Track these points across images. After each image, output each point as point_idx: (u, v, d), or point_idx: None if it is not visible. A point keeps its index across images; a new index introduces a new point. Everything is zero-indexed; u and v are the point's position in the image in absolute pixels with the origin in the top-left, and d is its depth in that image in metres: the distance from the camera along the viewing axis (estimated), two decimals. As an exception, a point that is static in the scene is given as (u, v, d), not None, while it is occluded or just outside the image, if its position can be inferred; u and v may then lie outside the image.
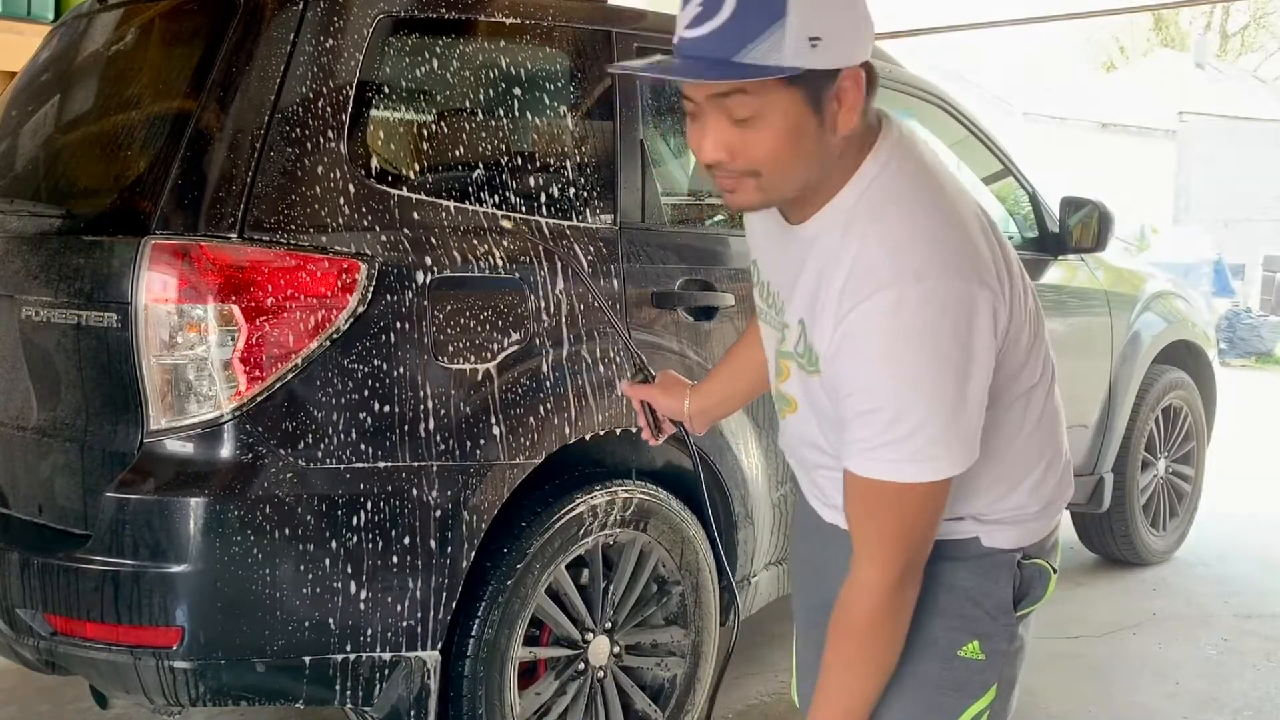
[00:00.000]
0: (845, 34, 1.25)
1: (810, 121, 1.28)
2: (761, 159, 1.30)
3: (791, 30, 1.20)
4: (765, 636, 3.63)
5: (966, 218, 1.36)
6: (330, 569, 2.15)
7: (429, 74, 2.48)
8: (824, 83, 1.26)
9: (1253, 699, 3.42)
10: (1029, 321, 1.41)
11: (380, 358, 2.20)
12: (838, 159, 1.34)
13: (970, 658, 1.49)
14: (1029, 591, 1.52)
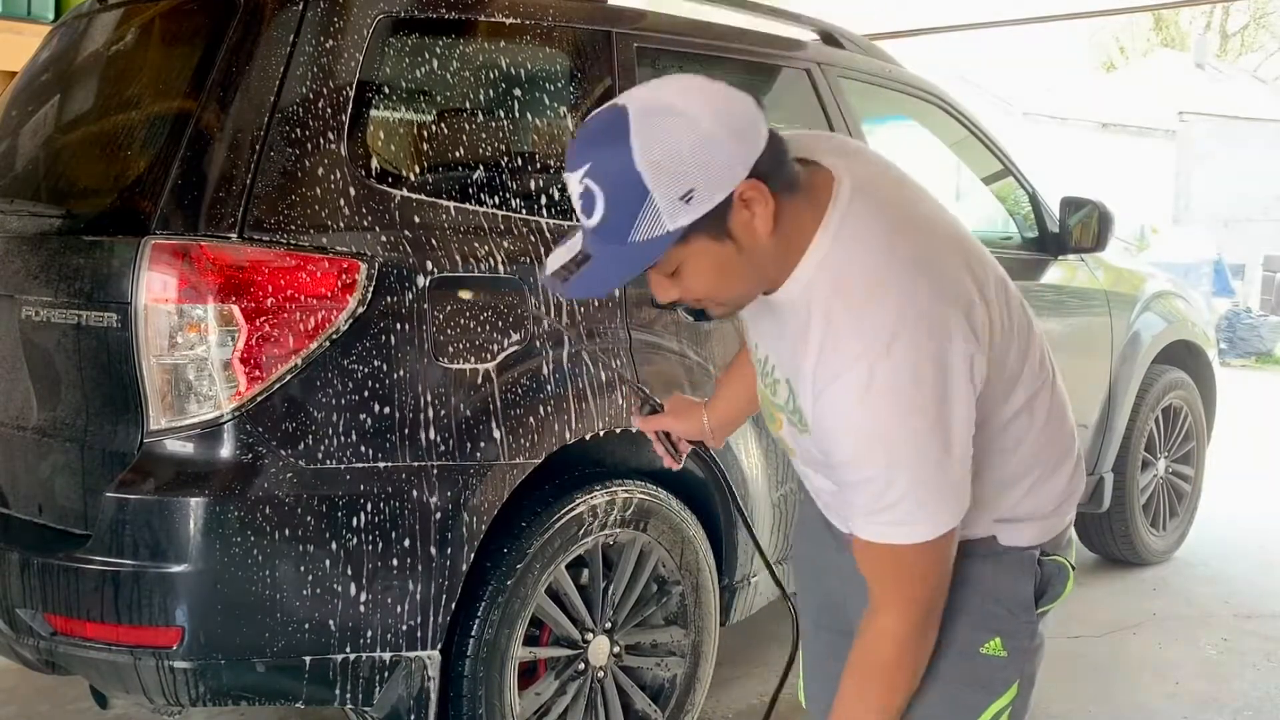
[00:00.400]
0: (713, 170, 1.26)
1: (726, 250, 1.32)
2: (703, 293, 1.38)
3: (661, 200, 1.25)
4: (765, 636, 3.63)
5: (938, 252, 1.39)
6: (330, 569, 2.15)
7: (429, 74, 2.48)
8: (720, 215, 1.29)
9: (1253, 699, 3.42)
10: (1016, 336, 1.44)
11: (380, 358, 2.20)
12: (787, 243, 1.36)
13: (993, 655, 1.51)
14: (1049, 588, 1.54)
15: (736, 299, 1.42)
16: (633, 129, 1.26)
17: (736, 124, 1.28)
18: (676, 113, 1.26)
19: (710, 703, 3.04)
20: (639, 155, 1.24)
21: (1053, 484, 1.54)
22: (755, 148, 1.29)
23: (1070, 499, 1.57)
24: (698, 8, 3.39)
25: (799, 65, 3.27)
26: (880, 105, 3.79)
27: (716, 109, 1.28)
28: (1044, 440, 1.51)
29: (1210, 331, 5.01)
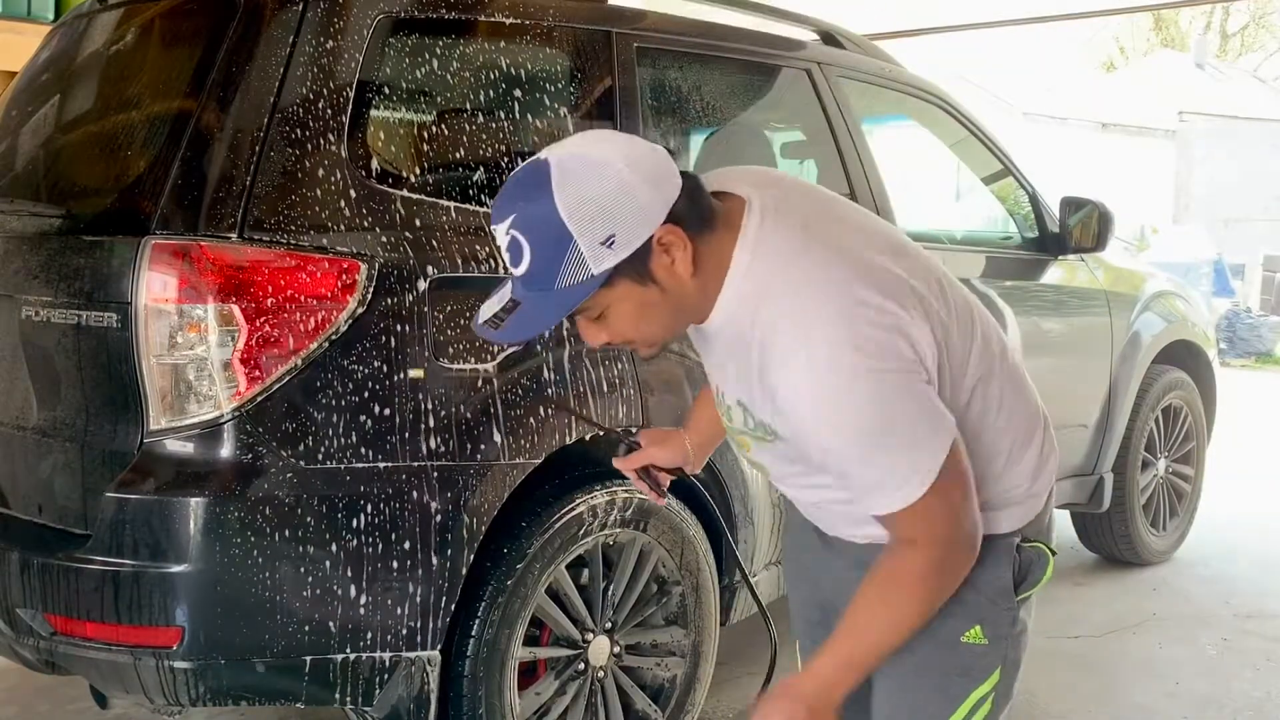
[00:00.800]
0: (632, 215, 1.33)
1: (650, 292, 1.39)
2: (629, 334, 1.45)
3: (584, 245, 1.32)
4: (765, 636, 3.63)
5: (854, 244, 1.44)
6: (330, 569, 2.15)
7: (429, 74, 2.48)
8: (642, 258, 1.36)
9: (1253, 699, 3.42)
10: (956, 323, 1.47)
11: (380, 358, 2.20)
12: (709, 276, 1.42)
13: (974, 643, 1.54)
14: (1028, 574, 1.56)
15: (661, 338, 1.49)
16: (554, 179, 1.32)
17: (651, 172, 1.35)
18: (595, 162, 1.33)
19: (710, 703, 3.04)
20: (560, 203, 1.31)
21: (1023, 463, 1.56)
22: (670, 193, 1.36)
23: (1042, 474, 1.59)
24: (698, 8, 3.39)
25: (799, 65, 3.27)
26: (880, 105, 3.79)
27: (631, 158, 1.35)
28: (1003, 421, 1.53)
29: (1210, 331, 5.01)
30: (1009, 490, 1.55)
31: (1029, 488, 1.57)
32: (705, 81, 3.11)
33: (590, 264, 1.32)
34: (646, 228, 1.35)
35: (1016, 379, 1.58)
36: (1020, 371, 1.59)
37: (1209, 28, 33.38)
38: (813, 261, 1.41)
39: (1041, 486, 1.60)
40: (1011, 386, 1.56)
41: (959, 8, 8.94)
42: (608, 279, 1.35)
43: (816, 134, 3.38)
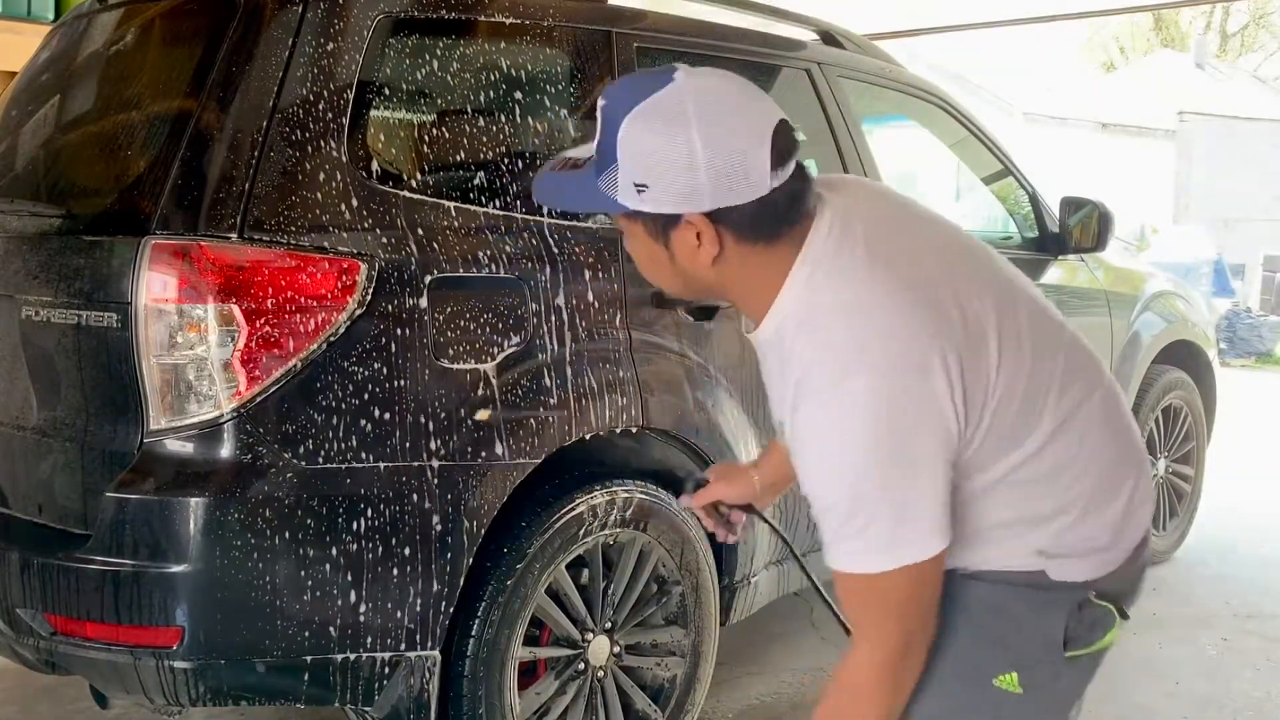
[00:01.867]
0: (672, 188, 1.33)
1: (657, 251, 1.40)
2: (640, 265, 1.47)
3: (623, 173, 1.34)
4: (765, 636, 3.63)
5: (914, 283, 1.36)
6: (330, 569, 2.15)
7: (429, 74, 2.48)
8: (666, 223, 1.37)
9: (1253, 699, 3.42)
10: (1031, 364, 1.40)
11: (380, 358, 2.20)
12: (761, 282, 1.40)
13: (1005, 688, 1.46)
14: (1085, 634, 1.47)
15: (669, 289, 1.49)
16: (645, 104, 1.32)
17: (726, 166, 1.32)
18: (685, 119, 1.31)
19: (710, 703, 3.04)
20: (625, 129, 1.32)
21: (1105, 514, 1.46)
22: (729, 198, 1.33)
23: (1128, 528, 1.49)
24: (698, 8, 3.39)
25: (799, 65, 3.27)
26: (880, 105, 3.79)
27: (720, 142, 1.31)
28: (1082, 469, 1.45)
29: (1210, 331, 5.01)
30: (1089, 539, 1.46)
31: (1109, 541, 1.47)
32: (705, 81, 3.10)
33: (620, 192, 1.35)
34: (680, 206, 1.34)
35: (1113, 430, 1.48)
36: (1120, 424, 1.50)
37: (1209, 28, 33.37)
38: (861, 298, 1.35)
39: (1124, 544, 1.49)
40: (1102, 430, 1.47)
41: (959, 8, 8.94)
42: (630, 212, 1.37)
43: (816, 134, 3.38)
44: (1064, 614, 1.45)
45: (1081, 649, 1.47)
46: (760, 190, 1.33)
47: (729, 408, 2.78)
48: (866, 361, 1.30)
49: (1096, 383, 1.49)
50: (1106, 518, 1.46)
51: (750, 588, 2.94)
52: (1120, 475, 1.48)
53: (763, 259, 1.39)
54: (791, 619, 3.79)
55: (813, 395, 1.33)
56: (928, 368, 1.31)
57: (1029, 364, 1.40)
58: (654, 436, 2.72)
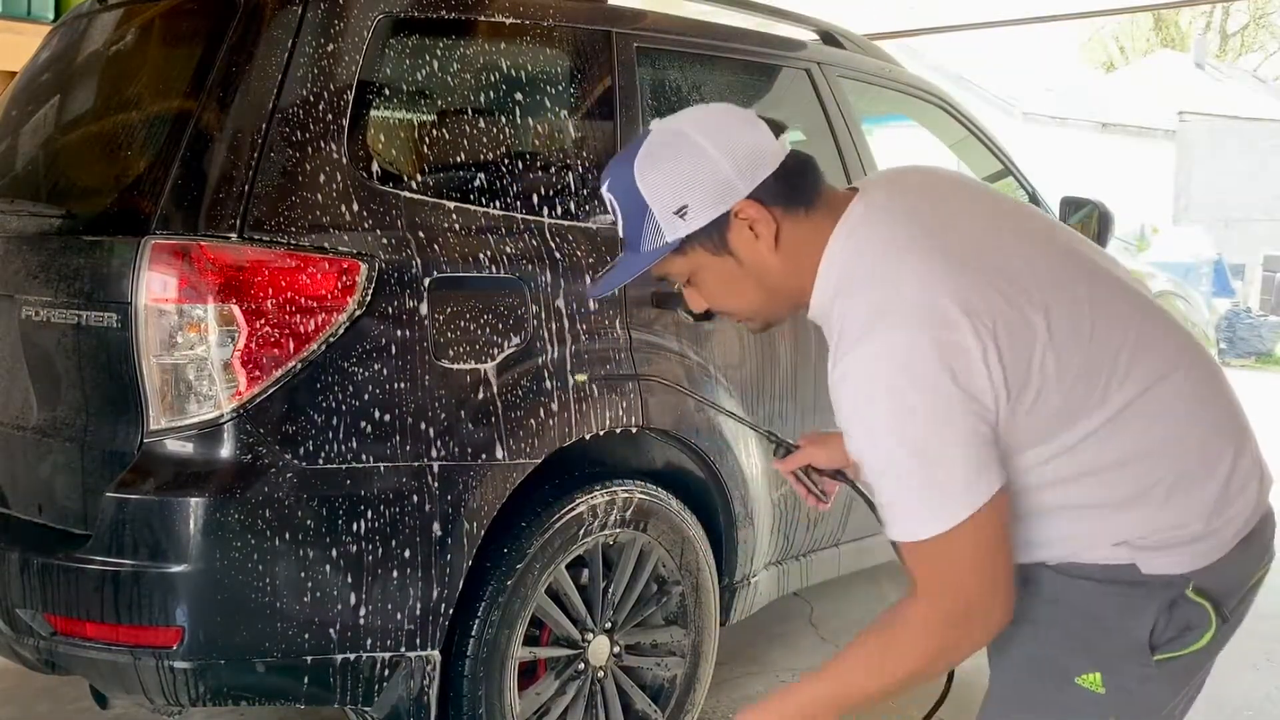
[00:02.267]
0: (708, 189, 1.40)
1: (727, 263, 1.45)
2: (719, 304, 1.52)
3: (659, 214, 1.41)
4: (765, 636, 3.63)
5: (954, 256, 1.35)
6: (330, 569, 2.15)
7: (429, 74, 2.48)
8: (719, 230, 1.42)
9: (1253, 699, 3.42)
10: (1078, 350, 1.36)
11: (380, 358, 2.20)
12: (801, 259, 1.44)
13: (1088, 688, 1.41)
14: (1180, 634, 1.39)
15: (753, 312, 1.53)
16: (642, 150, 1.43)
17: (740, 149, 1.40)
18: (682, 135, 1.41)
19: (710, 703, 3.04)
20: (639, 173, 1.41)
21: (1195, 496, 1.38)
22: (758, 172, 1.41)
23: (1225, 516, 1.39)
24: (698, 8, 3.39)
25: (799, 65, 3.27)
26: (880, 105, 3.79)
27: (722, 135, 1.41)
28: (1160, 451, 1.38)
29: (1210, 331, 5.01)
30: (1179, 527, 1.37)
31: (1203, 529, 1.38)
32: (705, 81, 3.11)
33: (666, 231, 1.41)
34: (724, 202, 1.40)
35: (1200, 400, 1.41)
36: (1206, 391, 1.42)
37: (1209, 28, 33.38)
38: (889, 262, 1.36)
39: (1227, 530, 1.39)
40: (1187, 409, 1.39)
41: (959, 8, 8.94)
42: (681, 246, 1.43)
43: (816, 134, 3.38)
44: (1151, 611, 1.38)
45: (1172, 653, 1.39)
46: (779, 155, 1.42)
47: (729, 407, 2.78)
48: (893, 317, 1.31)
49: (1177, 360, 1.42)
50: (1196, 503, 1.38)
51: (750, 588, 2.94)
52: (1211, 457, 1.40)
53: (810, 230, 1.43)
54: (791, 619, 3.79)
55: (844, 352, 1.34)
56: (955, 324, 1.30)
57: (1086, 340, 1.36)
58: (654, 436, 2.72)
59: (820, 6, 4.26)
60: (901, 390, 1.29)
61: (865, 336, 1.32)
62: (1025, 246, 1.43)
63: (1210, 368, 1.46)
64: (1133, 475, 1.38)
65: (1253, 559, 1.45)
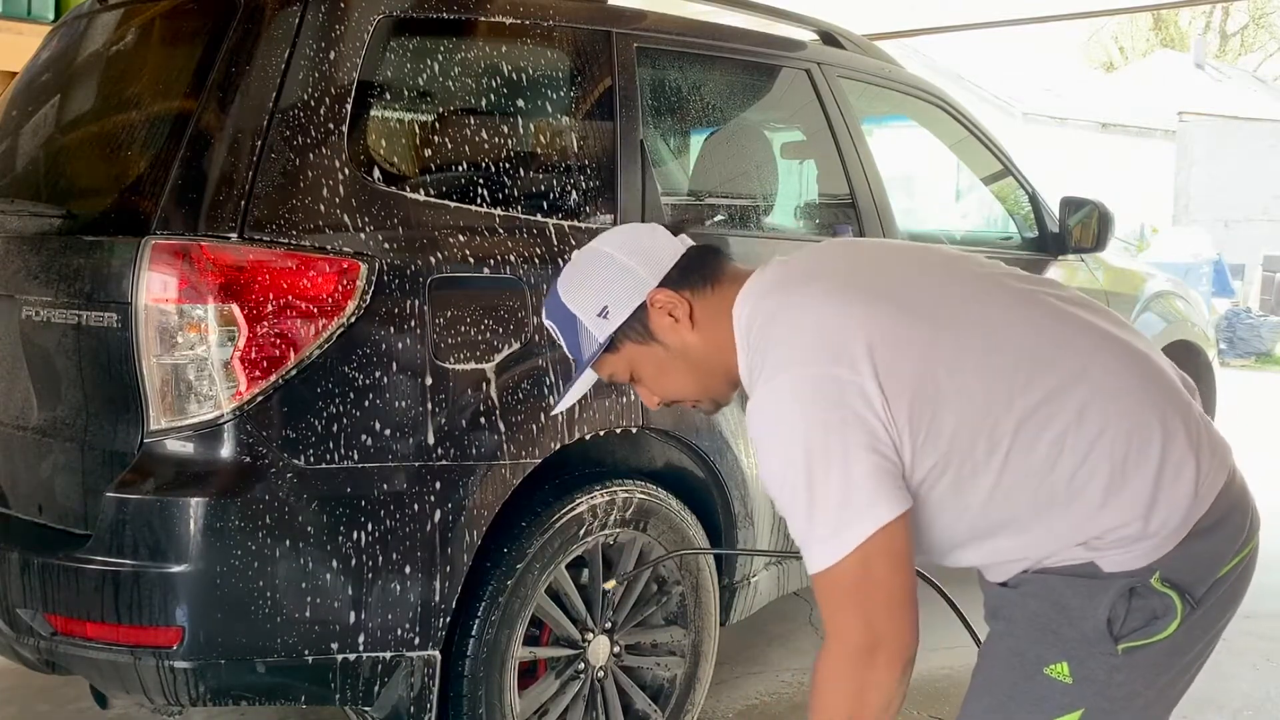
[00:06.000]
0: (620, 288, 1.60)
1: (656, 351, 1.62)
2: (662, 392, 1.67)
3: (585, 320, 1.61)
4: (765, 636, 3.63)
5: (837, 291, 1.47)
6: (330, 569, 2.15)
7: (429, 75, 2.48)
8: (641, 321, 1.61)
9: (1253, 699, 3.42)
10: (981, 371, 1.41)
11: (380, 359, 2.20)
12: (717, 333, 1.58)
13: (1056, 678, 1.44)
14: (1147, 623, 1.40)
15: (695, 393, 1.67)
16: (564, 273, 1.66)
17: (640, 248, 1.62)
18: (593, 251, 1.65)
19: (710, 703, 3.05)
20: (563, 292, 1.64)
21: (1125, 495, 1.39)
22: (662, 265, 1.61)
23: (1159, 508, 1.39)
24: (698, 8, 3.39)
25: (799, 65, 3.27)
26: (880, 105, 3.79)
27: (623, 241, 1.64)
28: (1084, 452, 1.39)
29: (1210, 331, 5.00)
30: (1120, 527, 1.39)
31: (1143, 524, 1.39)
32: (705, 81, 3.11)
33: (595, 334, 1.60)
34: (637, 295, 1.59)
35: (1121, 394, 1.42)
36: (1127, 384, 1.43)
37: (1208, 28, 33.38)
38: (797, 303, 1.47)
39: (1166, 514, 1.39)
40: (1108, 406, 1.40)
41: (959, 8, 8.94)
42: (613, 344, 1.61)
43: (816, 134, 3.38)
44: (1106, 601, 1.40)
45: (1138, 641, 1.41)
46: (679, 249, 1.62)
47: (728, 407, 2.77)
48: (787, 356, 1.42)
49: (1090, 360, 1.44)
50: (1130, 498, 1.39)
51: (750, 588, 2.94)
52: (1138, 450, 1.40)
53: (720, 302, 1.57)
54: (791, 619, 3.79)
55: (752, 390, 1.46)
56: (849, 357, 1.39)
57: (982, 355, 1.42)
58: (654, 436, 2.72)
59: (820, 6, 4.26)
60: (794, 423, 1.38)
61: (769, 374, 1.42)
62: (921, 276, 1.53)
63: (1132, 359, 1.47)
64: (1065, 476, 1.40)
65: (1222, 544, 1.44)
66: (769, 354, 1.44)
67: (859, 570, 1.38)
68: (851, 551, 1.37)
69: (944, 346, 1.42)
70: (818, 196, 3.61)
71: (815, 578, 1.41)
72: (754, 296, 1.54)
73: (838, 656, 1.41)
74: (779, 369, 1.42)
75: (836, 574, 1.39)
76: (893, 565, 1.38)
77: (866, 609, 1.39)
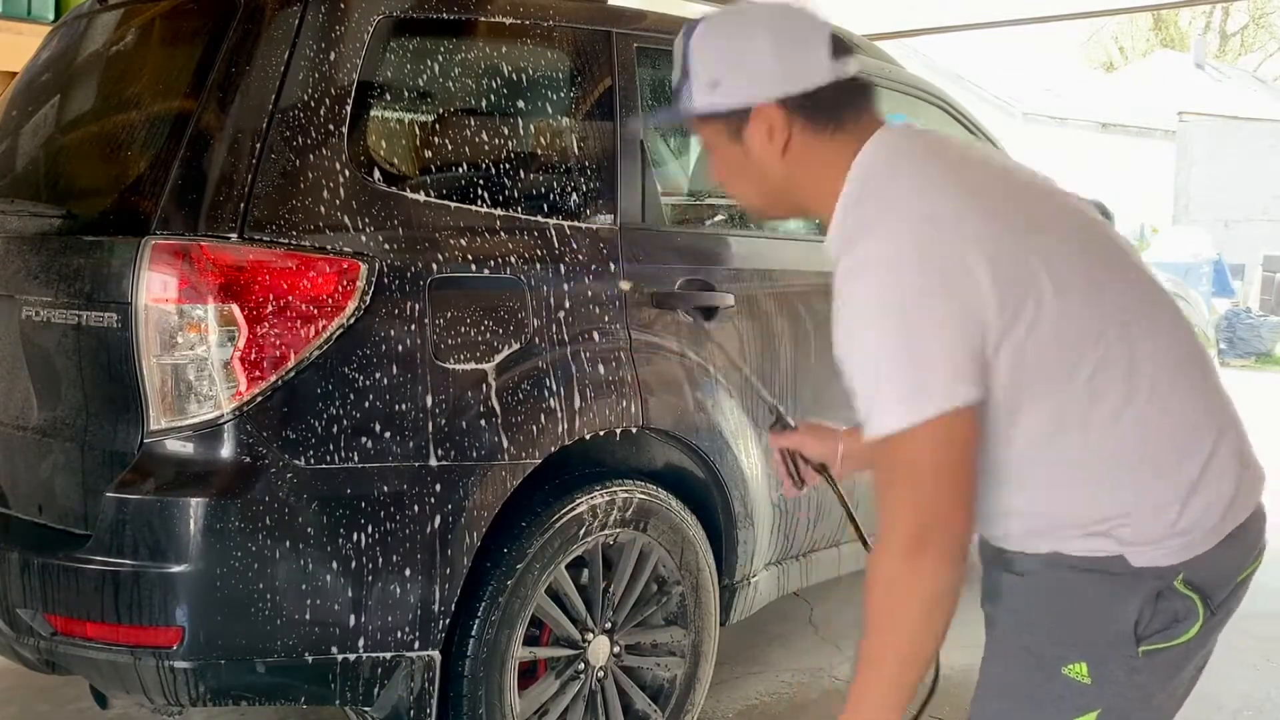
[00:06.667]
0: (743, 77, 1.46)
1: (736, 152, 1.51)
2: (721, 180, 1.59)
3: (697, 79, 1.49)
4: (765, 636, 3.63)
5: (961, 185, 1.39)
6: (330, 569, 2.15)
7: (429, 75, 2.48)
8: (738, 119, 1.48)
9: (1253, 699, 3.42)
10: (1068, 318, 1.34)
11: (380, 358, 2.20)
12: (806, 173, 1.49)
13: (1074, 678, 1.40)
14: (1168, 626, 1.37)
15: (749, 203, 1.61)
16: (706, 20, 1.51)
17: (790, 54, 1.46)
18: (746, 18, 1.48)
19: (710, 703, 3.04)
20: (695, 41, 1.49)
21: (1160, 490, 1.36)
22: (796, 84, 1.45)
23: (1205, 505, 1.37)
24: (698, 8, 3.39)
25: (799, 65, 3.26)
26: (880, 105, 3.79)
27: (785, 38, 1.46)
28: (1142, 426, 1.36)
29: (1210, 331, 5.00)
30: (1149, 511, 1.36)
31: (1174, 522, 1.36)
32: (705, 82, 3.10)
33: (697, 96, 1.48)
34: (750, 94, 1.46)
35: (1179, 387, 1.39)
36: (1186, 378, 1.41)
37: (1208, 28, 33.39)
38: (919, 171, 1.40)
39: (1192, 522, 1.36)
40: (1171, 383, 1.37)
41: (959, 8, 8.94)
42: (705, 117, 1.50)
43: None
44: (1134, 602, 1.36)
45: (1159, 644, 1.37)
46: (821, 76, 1.46)
47: (729, 408, 2.78)
48: (901, 217, 1.34)
49: (1171, 343, 1.42)
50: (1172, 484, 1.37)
51: (750, 588, 2.94)
52: (1192, 439, 1.38)
53: (827, 151, 1.47)
54: (791, 619, 3.79)
55: (850, 248, 1.36)
56: (962, 237, 1.32)
57: (1078, 310, 1.36)
58: (654, 436, 2.72)
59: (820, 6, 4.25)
60: (896, 283, 1.31)
61: (871, 231, 1.35)
62: (1042, 203, 1.45)
63: (1203, 356, 1.46)
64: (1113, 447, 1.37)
65: (1242, 553, 1.44)
66: (885, 212, 1.36)
67: (927, 447, 1.30)
68: (923, 423, 1.29)
69: (1057, 266, 1.36)
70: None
71: (881, 447, 1.32)
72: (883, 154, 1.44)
73: (890, 547, 1.32)
74: (893, 226, 1.33)
75: (902, 445, 1.30)
76: (960, 453, 1.31)
77: (925, 491, 1.31)
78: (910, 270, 1.31)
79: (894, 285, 1.31)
